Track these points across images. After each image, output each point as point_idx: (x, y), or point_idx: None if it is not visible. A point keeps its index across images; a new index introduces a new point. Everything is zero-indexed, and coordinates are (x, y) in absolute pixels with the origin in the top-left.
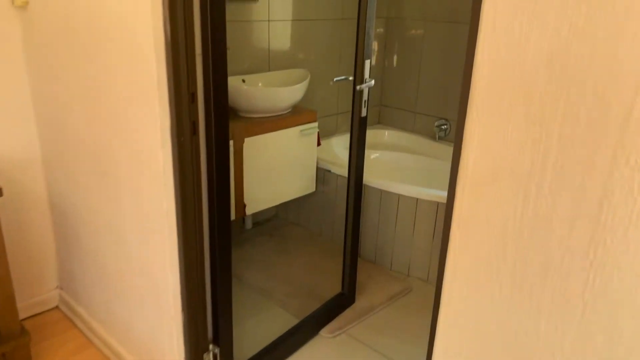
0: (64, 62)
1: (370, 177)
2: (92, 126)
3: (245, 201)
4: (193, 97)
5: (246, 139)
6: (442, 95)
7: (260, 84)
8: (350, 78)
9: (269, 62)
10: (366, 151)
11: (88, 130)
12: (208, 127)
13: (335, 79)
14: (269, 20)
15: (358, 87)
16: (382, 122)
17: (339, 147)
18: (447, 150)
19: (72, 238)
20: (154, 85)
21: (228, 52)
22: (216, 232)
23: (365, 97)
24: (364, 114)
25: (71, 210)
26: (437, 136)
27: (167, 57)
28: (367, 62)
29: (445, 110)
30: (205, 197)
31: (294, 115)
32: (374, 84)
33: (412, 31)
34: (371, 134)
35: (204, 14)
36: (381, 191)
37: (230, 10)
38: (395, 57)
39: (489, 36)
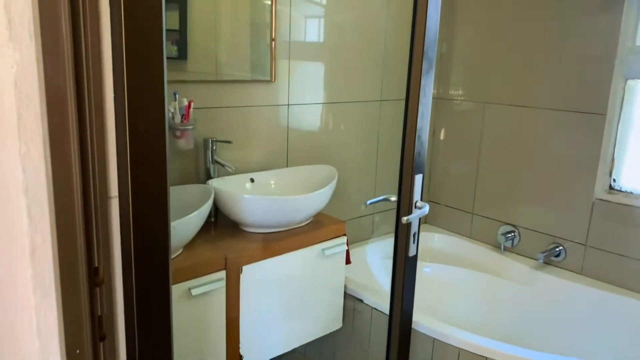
0: None
1: (420, 314)
2: None
3: (242, 352)
4: (96, 272)
5: (245, 267)
6: (507, 194)
7: (272, 184)
8: (392, 198)
9: (287, 156)
10: None
11: None
12: (129, 324)
13: (368, 202)
14: (288, 105)
15: (405, 220)
16: (430, 221)
17: (376, 261)
18: (518, 267)
19: None
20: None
21: (229, 146)
22: None
23: (414, 229)
24: (412, 252)
25: None
26: (502, 246)
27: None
28: (419, 179)
29: (511, 214)
30: None
31: (315, 229)
32: None
33: (468, 114)
34: None
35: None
36: (434, 340)
37: (238, 91)
38: (444, 143)
39: None
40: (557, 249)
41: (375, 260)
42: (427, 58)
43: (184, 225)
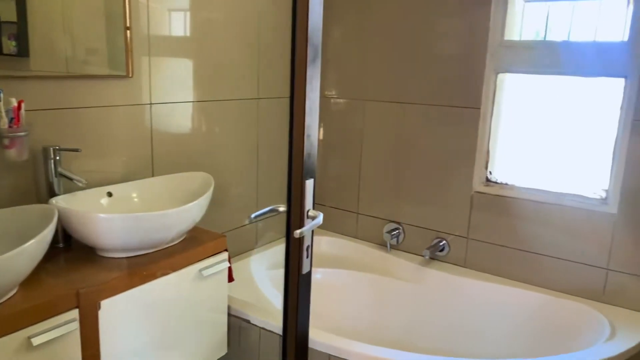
0: None
1: (314, 329)
2: None
3: None
4: None
5: (105, 302)
6: (390, 191)
7: (135, 198)
8: (281, 209)
9: (152, 164)
10: None
11: None
12: None
13: (253, 216)
14: (150, 104)
15: (297, 233)
16: None
17: (262, 274)
18: (405, 265)
19: None
20: None
21: (79, 155)
22: None
23: (308, 242)
24: (307, 269)
25: None
26: (388, 245)
27: None
28: (310, 184)
29: (396, 211)
30: None
31: (191, 247)
32: None
33: (347, 112)
34: None
35: None
36: (329, 356)
37: (89, 89)
38: (324, 143)
39: None
40: (441, 244)
41: (261, 273)
42: (313, 45)
43: (17, 258)
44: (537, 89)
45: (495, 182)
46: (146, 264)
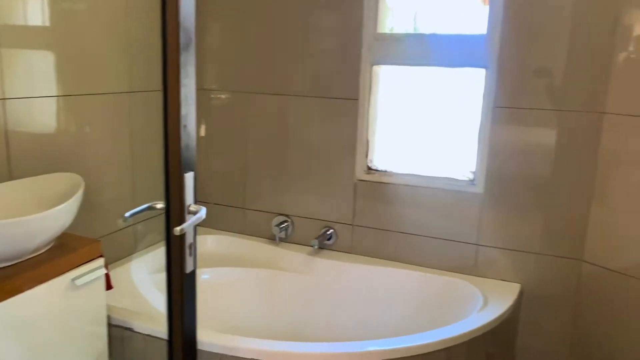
0: None
1: (203, 330)
2: None
3: None
4: None
5: None
6: (277, 184)
7: None
8: (159, 205)
9: (8, 166)
10: None
11: None
12: None
13: (127, 215)
14: (4, 99)
15: (178, 230)
16: (200, 222)
17: (144, 279)
18: (294, 257)
19: None
20: None
21: None
22: None
23: (190, 239)
24: (190, 267)
25: None
26: (277, 238)
27: None
28: (190, 177)
29: (283, 204)
30: None
31: (60, 255)
32: None
33: (230, 106)
34: None
35: None
36: (221, 356)
37: None
38: (207, 139)
39: None
40: (329, 233)
41: (144, 278)
42: (185, 29)
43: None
44: (409, 79)
45: (376, 170)
46: (9, 278)
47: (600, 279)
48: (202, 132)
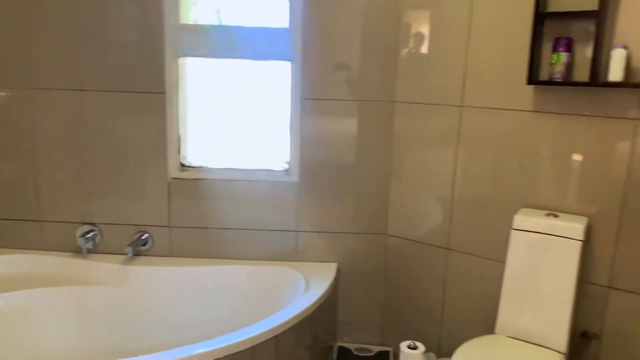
0: None
1: None
2: None
3: None
4: None
5: None
6: (79, 191)
7: None
8: None
9: None
10: None
11: None
12: None
13: None
14: None
15: None
16: None
17: None
18: (106, 268)
19: None
20: None
21: None
22: None
23: None
24: None
25: None
26: (84, 250)
27: None
28: None
29: (88, 212)
30: None
31: None
32: None
33: (9, 106)
34: None
35: None
36: None
37: None
38: None
39: None
40: (144, 237)
41: None
42: None
43: None
44: (219, 72)
45: (190, 167)
46: None
47: (402, 249)
48: None
